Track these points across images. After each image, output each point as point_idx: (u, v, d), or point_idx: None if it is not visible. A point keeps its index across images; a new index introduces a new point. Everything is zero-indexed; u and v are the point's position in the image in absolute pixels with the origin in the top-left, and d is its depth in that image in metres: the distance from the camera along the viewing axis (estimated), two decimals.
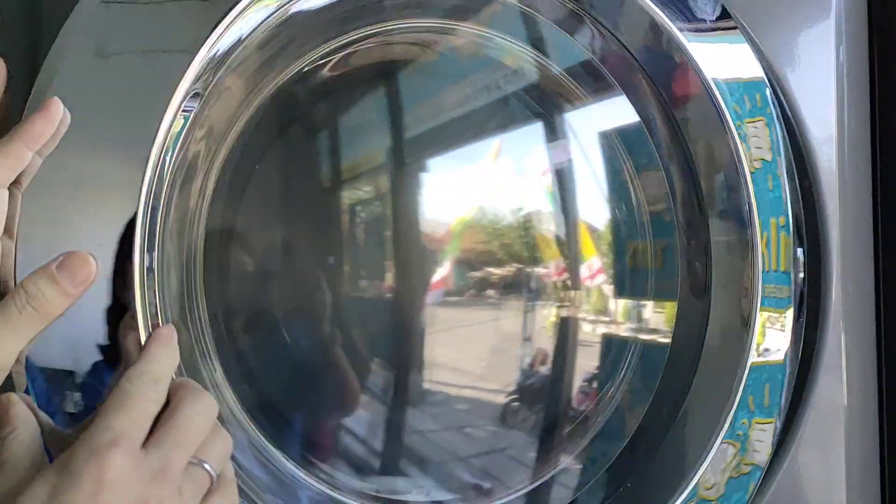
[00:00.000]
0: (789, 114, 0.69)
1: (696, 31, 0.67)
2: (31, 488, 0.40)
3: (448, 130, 0.79)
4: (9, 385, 0.47)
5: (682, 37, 0.66)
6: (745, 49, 0.68)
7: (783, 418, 0.69)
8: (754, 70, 0.68)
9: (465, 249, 0.79)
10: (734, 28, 0.68)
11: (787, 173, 0.69)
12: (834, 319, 0.71)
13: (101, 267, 0.46)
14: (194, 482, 0.45)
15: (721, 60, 0.67)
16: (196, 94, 0.54)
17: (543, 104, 0.79)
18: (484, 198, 0.80)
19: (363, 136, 0.78)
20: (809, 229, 0.70)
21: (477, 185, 0.80)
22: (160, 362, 0.47)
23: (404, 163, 0.79)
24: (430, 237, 0.79)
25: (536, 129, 0.81)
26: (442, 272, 0.79)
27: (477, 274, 0.79)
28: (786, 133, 0.68)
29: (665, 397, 0.74)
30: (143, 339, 0.52)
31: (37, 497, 0.40)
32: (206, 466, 0.46)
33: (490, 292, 0.80)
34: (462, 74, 0.78)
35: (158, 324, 0.53)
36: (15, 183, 0.47)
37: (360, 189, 0.78)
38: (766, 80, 0.68)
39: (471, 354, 0.82)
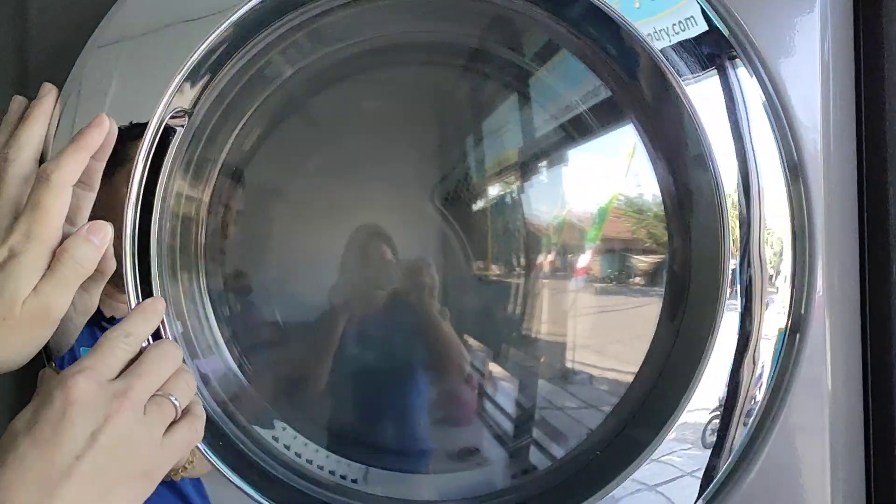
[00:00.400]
0: (777, 103, 0.69)
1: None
2: (23, 412, 0.51)
3: (581, 122, 0.83)
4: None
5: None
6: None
7: (766, 400, 0.70)
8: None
9: (610, 238, 0.82)
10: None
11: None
12: (819, 303, 0.71)
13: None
14: (160, 410, 0.55)
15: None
16: (182, 112, 0.67)
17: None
18: (626, 187, 0.82)
19: (502, 132, 0.84)
20: (796, 216, 0.71)
21: (618, 175, 0.82)
22: (135, 322, 0.58)
23: (541, 156, 0.83)
24: (570, 225, 0.83)
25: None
26: (585, 259, 0.83)
27: (621, 260, 0.82)
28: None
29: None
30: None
31: (25, 417, 0.51)
32: (172, 398, 0.55)
33: (636, 279, 0.82)
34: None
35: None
36: (84, 184, 0.60)
37: (503, 181, 0.83)
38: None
39: (613, 338, 0.84)
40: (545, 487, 0.78)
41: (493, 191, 0.83)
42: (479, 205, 0.83)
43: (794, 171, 0.69)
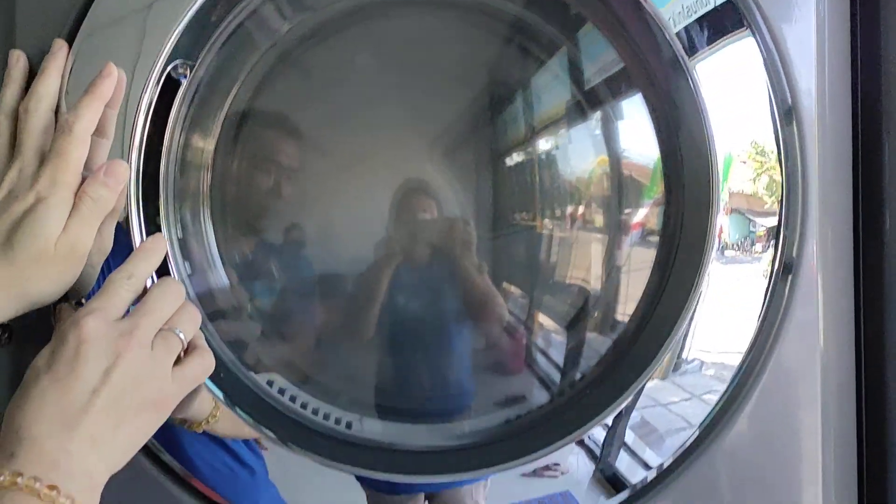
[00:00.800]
0: (778, 63, 0.71)
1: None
2: (43, 351, 0.56)
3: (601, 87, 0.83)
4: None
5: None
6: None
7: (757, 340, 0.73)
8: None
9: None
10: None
11: None
12: (811, 244, 0.73)
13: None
14: (166, 343, 0.58)
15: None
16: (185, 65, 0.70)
17: None
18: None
19: (552, 90, 0.84)
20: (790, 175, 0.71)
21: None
22: (136, 264, 0.61)
23: (594, 108, 0.83)
24: (626, 179, 0.82)
25: None
26: (643, 213, 0.82)
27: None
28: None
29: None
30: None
31: (45, 355, 0.55)
32: (177, 332, 0.59)
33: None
34: None
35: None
36: (101, 133, 0.64)
37: (552, 136, 0.83)
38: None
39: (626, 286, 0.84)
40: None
41: (528, 145, 0.83)
42: (514, 158, 0.84)
43: (789, 115, 0.68)
